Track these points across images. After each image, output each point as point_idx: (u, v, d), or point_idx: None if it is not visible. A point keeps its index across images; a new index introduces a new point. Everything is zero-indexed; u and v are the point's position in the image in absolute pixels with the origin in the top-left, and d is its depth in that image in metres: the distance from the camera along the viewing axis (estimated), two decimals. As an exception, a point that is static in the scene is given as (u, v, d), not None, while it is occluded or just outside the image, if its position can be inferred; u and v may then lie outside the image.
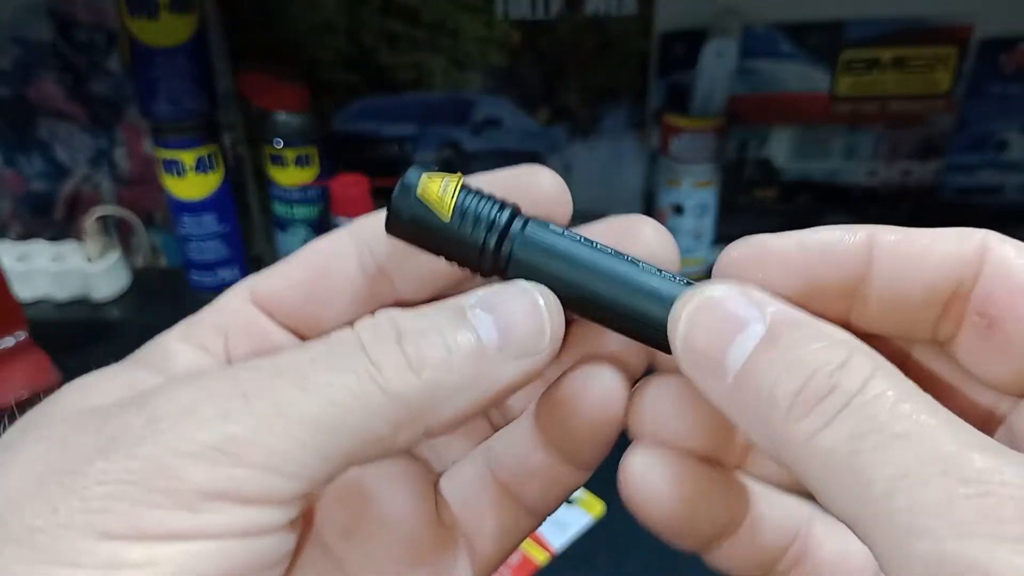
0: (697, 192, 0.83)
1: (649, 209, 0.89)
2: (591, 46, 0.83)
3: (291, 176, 0.83)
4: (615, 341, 0.21)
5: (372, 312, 0.20)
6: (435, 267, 0.21)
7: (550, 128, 0.87)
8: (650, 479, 0.20)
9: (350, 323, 0.19)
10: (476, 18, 0.82)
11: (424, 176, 0.20)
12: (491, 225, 0.20)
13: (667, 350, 0.20)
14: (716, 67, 0.78)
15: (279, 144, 0.81)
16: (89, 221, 0.86)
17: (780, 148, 0.87)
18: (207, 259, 0.86)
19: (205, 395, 0.16)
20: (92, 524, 0.15)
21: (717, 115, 0.80)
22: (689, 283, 0.20)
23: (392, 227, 0.20)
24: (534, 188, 0.21)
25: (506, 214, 0.20)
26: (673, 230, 0.85)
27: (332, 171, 0.84)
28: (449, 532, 0.22)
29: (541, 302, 0.19)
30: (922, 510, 0.14)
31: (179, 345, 0.21)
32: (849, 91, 0.83)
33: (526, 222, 0.20)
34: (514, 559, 0.58)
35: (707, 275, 0.74)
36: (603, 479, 0.23)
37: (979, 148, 0.86)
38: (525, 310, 0.19)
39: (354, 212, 0.80)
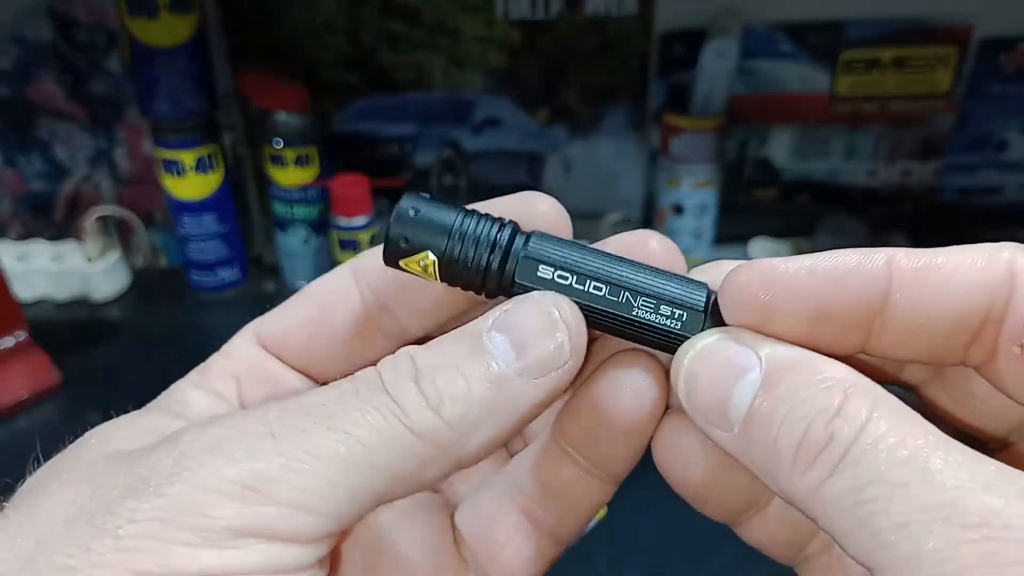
0: (697, 192, 0.83)
1: (649, 209, 0.89)
2: (591, 46, 0.83)
3: (291, 176, 0.83)
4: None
5: (382, 347, 0.20)
6: (436, 297, 0.20)
7: (550, 128, 0.87)
8: (680, 444, 0.20)
9: (368, 362, 0.19)
10: (476, 18, 0.82)
11: (401, 244, 0.19)
12: (492, 247, 0.19)
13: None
14: (716, 67, 0.78)
15: (279, 144, 0.81)
16: (89, 221, 0.86)
17: (780, 148, 0.87)
18: (207, 259, 0.86)
19: (233, 434, 0.17)
20: (124, 562, 0.15)
21: (717, 115, 0.80)
22: (702, 286, 0.19)
23: (389, 259, 0.19)
24: (532, 213, 0.21)
25: (507, 232, 0.19)
26: (673, 230, 0.85)
27: (332, 171, 0.84)
28: (468, 566, 0.22)
29: (556, 313, 0.18)
30: (927, 557, 0.14)
31: (193, 392, 0.21)
32: (849, 91, 0.83)
33: (528, 238, 0.20)
34: (514, 559, 0.58)
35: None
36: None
37: (979, 148, 0.86)
38: (540, 325, 0.18)
39: (354, 212, 0.80)
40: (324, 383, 0.20)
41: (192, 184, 0.82)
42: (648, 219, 0.89)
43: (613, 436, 0.20)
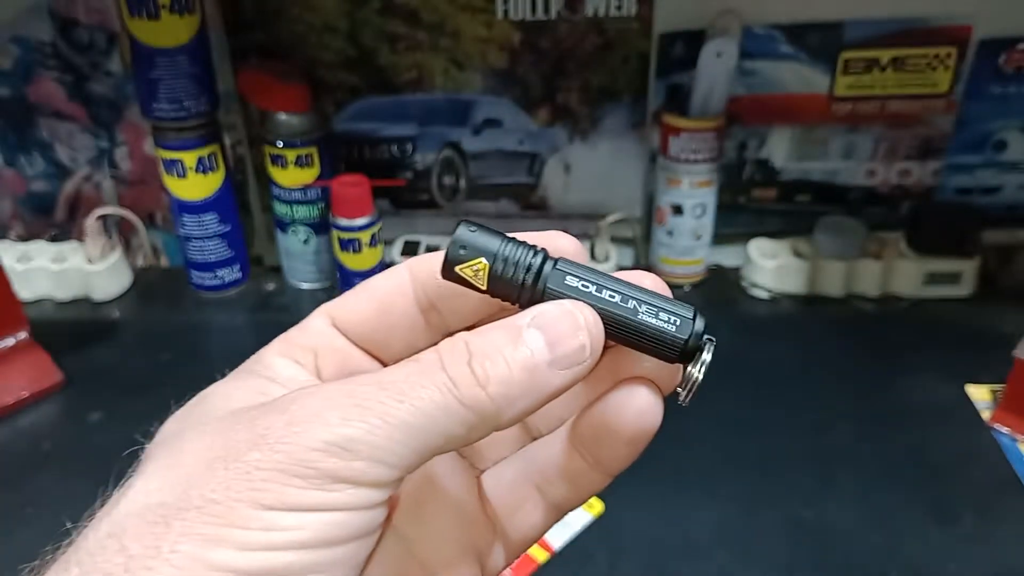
0: (697, 192, 0.83)
1: (649, 209, 0.89)
2: (591, 46, 0.83)
3: (291, 176, 0.83)
4: (647, 365, 0.25)
5: (428, 335, 0.26)
6: (474, 303, 0.26)
7: (550, 128, 0.87)
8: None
9: (418, 346, 0.26)
10: (476, 18, 0.82)
11: (462, 250, 0.24)
12: (528, 268, 0.24)
13: (670, 359, 0.24)
14: (716, 67, 0.78)
15: (279, 144, 0.81)
16: (90, 221, 0.86)
17: (779, 148, 0.87)
18: (208, 259, 0.86)
19: (330, 405, 0.21)
20: (255, 499, 0.20)
21: (717, 115, 0.80)
22: (690, 306, 0.24)
23: (446, 275, 0.25)
24: (556, 246, 0.26)
25: (539, 257, 0.24)
26: (673, 230, 0.85)
27: (332, 171, 0.84)
28: (489, 521, 0.28)
29: (581, 319, 0.23)
30: None
31: (279, 360, 0.26)
32: (848, 91, 0.83)
33: (556, 261, 0.24)
34: (514, 558, 0.58)
35: (707, 274, 0.74)
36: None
37: (978, 148, 0.86)
38: (571, 329, 0.23)
39: (354, 212, 0.80)
40: (383, 360, 0.27)
41: (193, 184, 0.82)
42: (648, 219, 0.89)
43: (617, 442, 0.25)
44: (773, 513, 0.61)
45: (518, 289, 0.24)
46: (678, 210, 0.84)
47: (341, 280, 0.84)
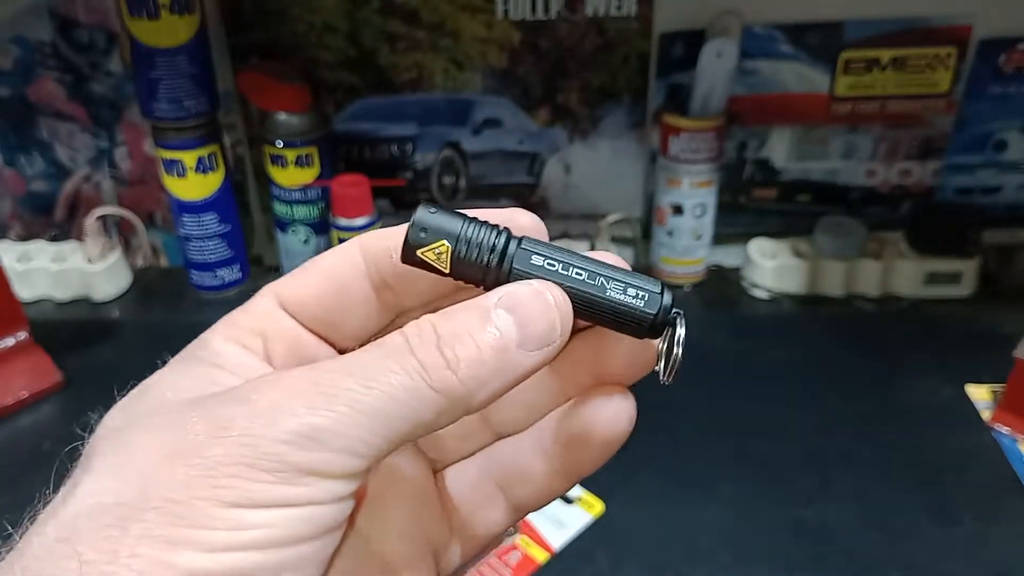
0: (697, 192, 0.83)
1: (649, 209, 0.89)
2: (591, 46, 0.83)
3: (291, 176, 0.83)
4: (617, 357, 0.25)
5: (382, 316, 0.25)
6: (432, 282, 0.24)
7: (550, 128, 0.87)
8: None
9: (372, 328, 0.25)
10: (476, 18, 0.82)
11: (422, 233, 0.23)
12: (492, 248, 0.23)
13: (640, 335, 0.24)
14: (716, 67, 0.78)
15: (279, 144, 0.81)
16: (90, 221, 0.86)
17: (779, 148, 0.87)
18: (207, 259, 0.86)
19: (294, 394, 0.21)
20: (219, 496, 0.19)
21: (717, 115, 0.80)
22: (657, 280, 0.24)
23: (406, 259, 0.24)
24: (518, 224, 0.25)
25: (503, 237, 0.24)
26: (673, 230, 0.85)
27: (332, 171, 0.84)
28: (448, 518, 0.27)
29: (550, 299, 0.23)
30: None
31: (226, 344, 0.25)
32: (848, 91, 0.83)
33: (520, 240, 0.24)
34: (514, 558, 0.58)
35: (707, 274, 0.74)
36: (603, 479, 0.24)
37: (978, 148, 0.86)
38: (540, 309, 0.23)
39: (354, 212, 0.80)
40: (334, 342, 0.26)
41: (193, 184, 0.82)
42: (648, 219, 0.89)
43: (590, 446, 0.25)
44: (773, 513, 0.61)
45: (483, 271, 0.24)
46: (678, 210, 0.84)
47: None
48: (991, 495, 0.63)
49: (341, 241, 0.81)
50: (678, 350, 0.24)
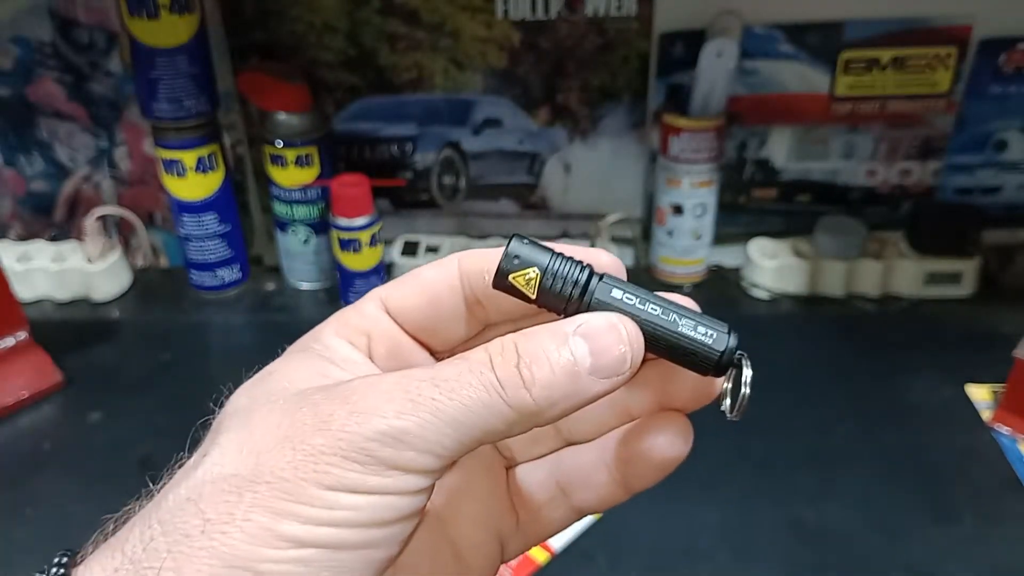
0: (697, 192, 0.83)
1: (649, 209, 0.89)
2: (591, 46, 0.83)
3: (291, 176, 0.83)
4: (683, 388, 0.28)
5: (472, 327, 0.29)
6: (517, 303, 0.27)
7: (550, 128, 0.87)
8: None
9: (464, 336, 0.29)
10: (476, 18, 0.82)
11: (515, 260, 0.26)
12: (575, 282, 0.26)
13: (704, 372, 0.26)
14: (716, 67, 0.78)
15: (279, 144, 0.81)
16: (90, 221, 0.86)
17: (779, 148, 0.87)
18: (207, 259, 0.86)
19: (387, 398, 0.23)
20: (318, 479, 0.22)
21: (717, 115, 0.80)
22: (724, 322, 0.26)
23: (497, 284, 0.26)
24: (598, 264, 0.27)
25: (586, 272, 0.26)
26: (673, 230, 0.85)
27: (332, 171, 0.84)
28: (515, 510, 0.30)
29: (624, 333, 0.25)
30: None
31: (337, 340, 0.28)
32: (848, 91, 0.83)
33: (601, 276, 0.26)
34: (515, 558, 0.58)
35: (707, 274, 0.74)
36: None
37: (978, 148, 0.86)
38: (613, 340, 0.25)
39: (354, 212, 0.80)
40: (429, 345, 0.29)
41: (193, 184, 0.82)
42: (648, 219, 0.89)
43: (647, 466, 0.28)
44: (773, 513, 0.61)
45: (565, 301, 0.26)
46: (678, 210, 0.84)
47: (341, 280, 0.84)
48: (991, 495, 0.63)
49: (341, 241, 0.81)
50: (747, 389, 0.26)
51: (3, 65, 0.86)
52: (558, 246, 0.27)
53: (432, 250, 0.88)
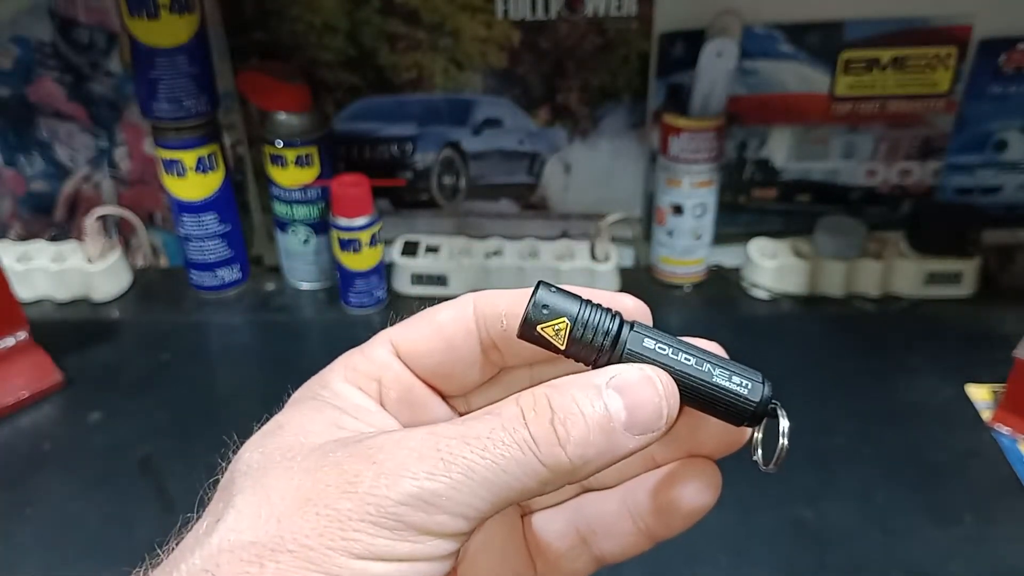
0: (697, 192, 0.83)
1: (649, 209, 0.89)
2: (591, 46, 0.83)
3: (291, 176, 0.83)
4: (712, 436, 0.27)
5: (487, 371, 0.28)
6: (536, 349, 0.26)
7: (550, 128, 0.87)
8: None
9: (478, 381, 0.28)
10: (476, 18, 0.82)
11: (544, 311, 0.25)
12: (606, 332, 0.25)
13: (739, 422, 0.25)
14: (716, 67, 0.78)
15: (279, 144, 0.81)
16: (90, 221, 0.86)
17: (779, 148, 0.87)
18: (207, 259, 0.86)
19: (416, 458, 0.22)
20: (347, 548, 0.21)
21: (717, 115, 0.80)
22: (757, 371, 0.25)
23: (523, 335, 0.25)
24: (623, 309, 0.26)
25: (616, 321, 0.25)
26: (673, 230, 0.85)
27: (332, 171, 0.84)
28: (532, 560, 0.29)
29: (660, 388, 0.24)
30: None
31: (344, 386, 0.27)
32: (848, 91, 0.83)
33: (632, 325, 0.25)
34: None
35: (707, 274, 0.74)
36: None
37: (978, 148, 0.86)
38: (649, 395, 0.24)
39: (354, 212, 0.80)
40: (441, 390, 0.28)
41: (193, 184, 0.82)
42: (648, 219, 0.89)
43: (675, 515, 0.27)
44: (773, 513, 0.61)
45: (596, 351, 0.25)
46: (678, 210, 0.84)
47: (341, 280, 0.84)
48: (991, 495, 0.63)
49: (341, 241, 0.81)
50: (785, 441, 0.25)
51: (3, 65, 0.86)
52: (584, 292, 0.26)
53: (432, 250, 0.88)
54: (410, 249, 0.89)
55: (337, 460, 0.23)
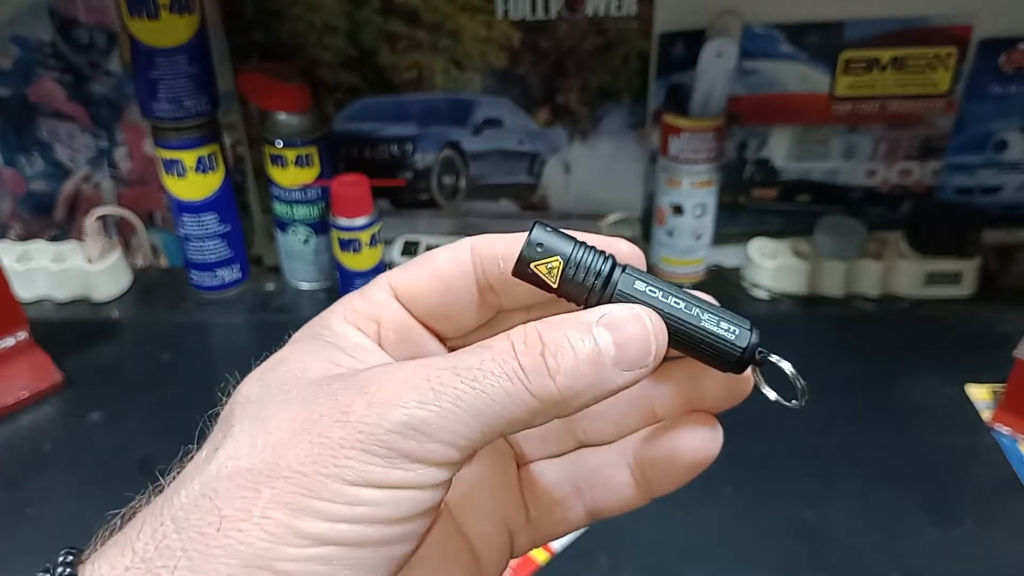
0: (697, 192, 0.83)
1: (649, 209, 0.89)
2: (591, 46, 0.83)
3: (291, 176, 0.83)
4: (714, 387, 0.27)
5: (484, 313, 0.28)
6: (531, 291, 0.26)
7: (550, 128, 0.87)
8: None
9: (474, 322, 0.28)
10: (476, 18, 0.82)
11: (538, 249, 0.25)
12: (598, 273, 0.25)
13: (725, 368, 0.25)
14: (716, 67, 0.78)
15: (279, 144, 0.81)
16: (90, 221, 0.86)
17: (779, 148, 0.87)
18: (207, 259, 0.86)
19: (407, 388, 0.23)
20: (339, 474, 0.22)
21: (717, 115, 0.80)
22: (746, 319, 0.25)
23: (517, 272, 0.26)
24: (618, 253, 0.26)
25: (609, 263, 0.25)
26: (673, 230, 0.85)
27: (332, 171, 0.84)
28: (525, 506, 0.30)
29: (649, 325, 0.24)
30: None
31: (344, 326, 0.27)
32: (848, 91, 0.83)
33: (624, 267, 0.26)
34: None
35: (707, 274, 0.74)
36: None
37: (978, 148, 0.86)
38: (638, 332, 0.24)
39: (354, 212, 0.80)
40: (438, 331, 0.28)
41: (193, 184, 0.82)
42: (648, 219, 0.89)
43: (675, 468, 0.28)
44: (773, 513, 0.61)
45: (587, 291, 0.25)
46: (678, 210, 0.84)
47: (341, 280, 0.84)
48: (991, 495, 0.63)
49: (341, 241, 0.81)
50: (799, 380, 0.27)
51: (3, 65, 0.86)
52: (579, 235, 0.26)
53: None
54: (410, 249, 0.89)
55: (332, 391, 0.23)
